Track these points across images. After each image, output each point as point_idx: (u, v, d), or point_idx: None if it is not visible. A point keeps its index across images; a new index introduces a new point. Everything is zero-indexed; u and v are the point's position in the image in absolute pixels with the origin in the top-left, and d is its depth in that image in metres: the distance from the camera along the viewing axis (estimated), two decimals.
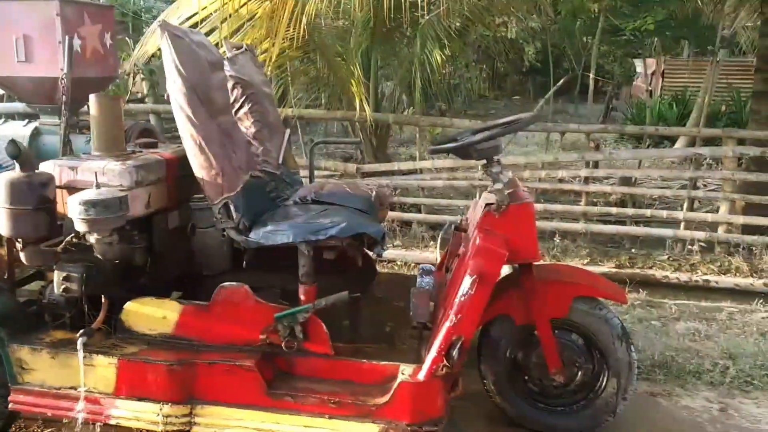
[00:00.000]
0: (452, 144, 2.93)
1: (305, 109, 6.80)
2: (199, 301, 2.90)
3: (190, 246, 3.32)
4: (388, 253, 5.84)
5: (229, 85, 3.51)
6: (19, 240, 2.69)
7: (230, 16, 5.21)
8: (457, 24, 7.59)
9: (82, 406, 2.76)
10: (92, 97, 2.91)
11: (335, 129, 9.79)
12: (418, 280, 3.16)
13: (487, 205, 2.91)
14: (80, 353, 2.73)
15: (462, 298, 2.70)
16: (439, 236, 3.63)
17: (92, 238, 2.65)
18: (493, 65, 20.35)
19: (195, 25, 5.27)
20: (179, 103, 2.78)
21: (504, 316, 3.06)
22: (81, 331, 2.77)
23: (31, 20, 3.42)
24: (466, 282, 2.70)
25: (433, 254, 5.53)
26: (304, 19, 5.32)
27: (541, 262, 4.65)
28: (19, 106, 3.87)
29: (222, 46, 3.66)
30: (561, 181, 6.78)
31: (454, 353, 2.66)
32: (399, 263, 5.75)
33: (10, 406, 2.82)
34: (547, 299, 2.96)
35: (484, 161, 2.88)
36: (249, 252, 3.03)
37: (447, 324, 2.69)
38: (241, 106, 3.53)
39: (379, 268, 5.68)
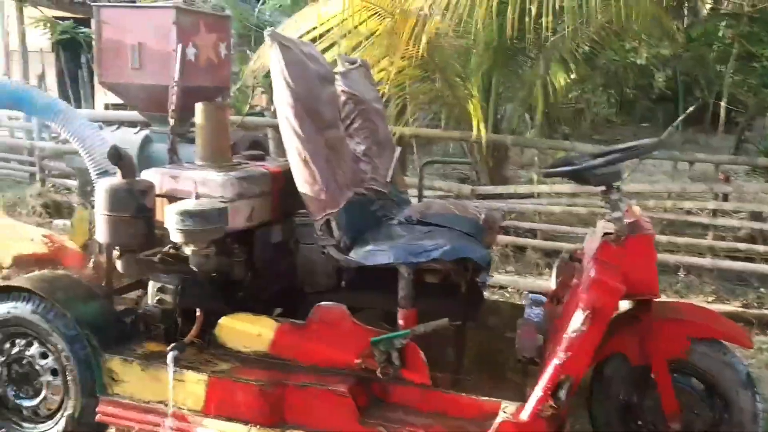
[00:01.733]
0: (569, 167, 2.69)
1: (422, 128, 6.67)
2: (295, 320, 2.78)
3: (291, 261, 3.23)
4: (500, 278, 5.61)
5: (341, 99, 3.42)
6: (116, 248, 2.67)
7: (349, 32, 5.16)
8: (585, 48, 7.30)
9: (170, 422, 2.70)
10: (198, 106, 2.88)
11: (451, 149, 9.62)
12: (526, 310, 2.97)
13: (604, 234, 2.66)
14: (170, 368, 2.67)
15: (572, 335, 2.45)
16: (555, 265, 3.38)
17: (188, 250, 2.60)
18: (621, 91, 19.58)
19: (314, 40, 5.27)
20: (285, 115, 2.70)
21: (618, 354, 2.79)
22: (172, 345, 2.71)
23: (146, 28, 3.46)
24: (578, 317, 2.46)
25: (547, 282, 5.22)
26: (424, 38, 5.19)
27: (663, 298, 4.29)
28: (134, 113, 3.94)
29: (339, 61, 3.57)
30: (688, 212, 6.33)
31: (562, 394, 2.43)
32: (510, 290, 5.49)
33: (97, 417, 2.79)
34: (665, 339, 2.68)
35: (603, 188, 2.63)
36: (350, 271, 2.89)
37: (555, 361, 2.45)
38: (351, 122, 3.43)
39: (488, 294, 5.49)
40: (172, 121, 3.27)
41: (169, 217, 2.53)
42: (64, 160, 3.39)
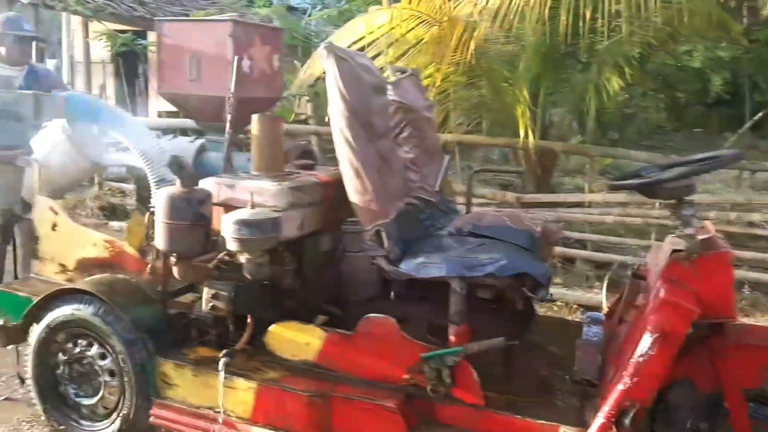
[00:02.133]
0: (637, 181, 2.60)
1: (466, 135, 6.63)
2: (343, 330, 2.79)
3: (337, 270, 3.25)
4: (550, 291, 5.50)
5: (391, 109, 3.42)
6: (174, 254, 2.71)
7: (396, 41, 5.16)
8: (637, 51, 7.15)
9: (220, 429, 2.73)
10: (254, 117, 2.91)
11: (495, 156, 9.54)
12: (584, 329, 2.86)
13: (674, 251, 2.52)
14: (221, 374, 2.70)
15: (639, 359, 2.36)
16: (606, 277, 3.30)
17: (243, 258, 2.63)
18: (672, 95, 19.14)
19: (361, 50, 5.28)
20: (339, 126, 2.70)
21: (686, 380, 2.63)
22: (224, 351, 2.74)
23: (204, 40, 3.51)
24: (646, 340, 2.36)
25: (597, 296, 5.13)
26: (472, 44, 5.15)
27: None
28: (187, 121, 4.00)
29: (387, 70, 3.58)
30: (752, 224, 6.08)
31: (626, 421, 2.34)
32: (558, 304, 5.38)
33: (151, 419, 2.85)
34: (741, 366, 2.53)
35: (672, 201, 2.53)
36: (396, 281, 2.88)
37: (620, 387, 2.36)
38: (401, 131, 3.41)
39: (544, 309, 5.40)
40: (229, 131, 3.31)
41: (226, 226, 2.56)
42: (125, 167, 3.46)
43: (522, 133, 6.02)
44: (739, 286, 5.30)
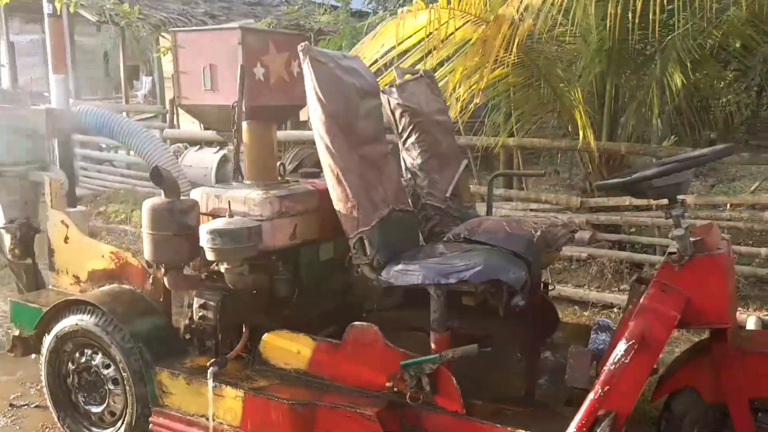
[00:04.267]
0: (620, 179, 2.44)
1: (527, 138, 6.41)
2: (331, 339, 2.74)
3: (346, 279, 3.20)
4: (612, 297, 5.25)
5: (397, 113, 3.36)
6: (161, 265, 2.76)
7: (436, 46, 5.05)
8: (737, 44, 6.69)
9: None
10: (245, 125, 2.93)
11: (559, 159, 9.22)
12: (591, 336, 2.74)
13: (668, 254, 2.39)
14: (210, 383, 2.73)
15: (613, 367, 2.23)
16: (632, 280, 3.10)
17: (222, 267, 2.64)
18: None
19: (400, 55, 5.20)
20: (318, 131, 2.67)
21: (690, 388, 2.49)
22: (212, 360, 2.76)
23: (217, 50, 3.54)
24: (620, 348, 2.24)
25: None
26: (516, 41, 4.96)
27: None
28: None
29: (395, 74, 3.51)
30: None
31: (599, 431, 2.19)
32: (616, 310, 5.11)
33: (150, 426, 2.90)
34: (745, 374, 2.34)
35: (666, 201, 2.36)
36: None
37: (591, 396, 2.24)
38: (408, 136, 3.36)
39: (590, 313, 5.17)
40: (235, 140, 3.34)
41: (202, 236, 2.59)
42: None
43: (581, 134, 5.78)
44: None
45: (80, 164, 10.24)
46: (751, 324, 4.53)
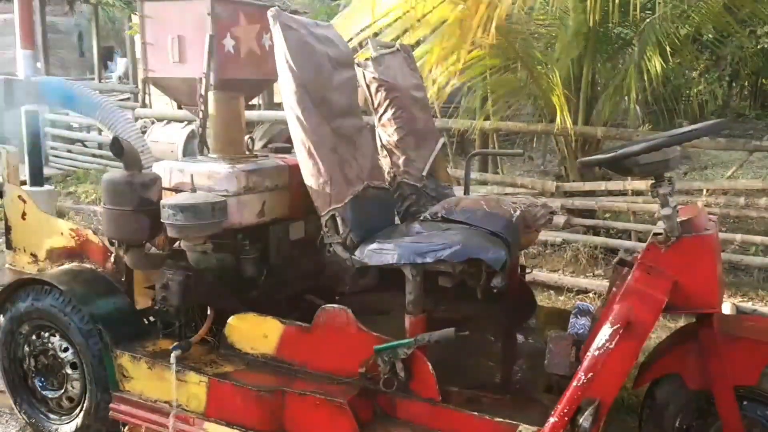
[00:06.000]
0: (605, 155, 2.34)
1: (502, 122, 6.32)
2: (301, 322, 2.61)
3: (318, 260, 3.07)
4: (586, 282, 5.20)
5: (373, 87, 3.22)
6: (121, 242, 2.60)
7: (411, 26, 4.92)
8: (710, 36, 6.66)
9: (172, 423, 2.60)
10: (210, 95, 2.78)
11: (533, 145, 9.16)
12: (571, 320, 2.64)
13: (653, 235, 2.29)
14: (173, 367, 2.59)
15: (597, 353, 2.13)
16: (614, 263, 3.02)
17: (184, 245, 2.49)
18: (756, 81, 18.02)
19: (376, 35, 5.06)
20: (289, 102, 2.53)
21: (674, 376, 2.41)
22: (175, 344, 2.62)
23: (184, 20, 3.41)
24: (605, 332, 2.14)
25: None
26: (494, 22, 4.85)
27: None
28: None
29: (371, 46, 3.36)
30: None
31: (582, 420, 2.10)
32: (592, 295, 5.06)
33: (110, 413, 2.75)
34: (732, 361, 2.26)
35: (652, 180, 2.26)
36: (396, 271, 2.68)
37: (574, 383, 2.14)
38: (384, 112, 3.23)
39: (565, 298, 5.12)
40: (201, 114, 3.19)
41: (163, 211, 2.44)
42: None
43: (558, 118, 5.70)
44: None
45: (50, 144, 9.98)
46: (726, 310, 4.50)
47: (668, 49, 5.62)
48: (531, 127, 6.36)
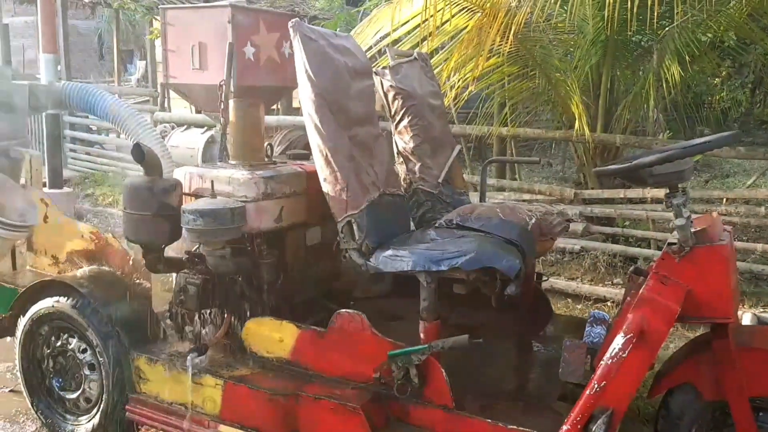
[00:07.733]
0: (619, 166, 2.34)
1: (521, 128, 6.31)
2: (316, 327, 2.63)
3: (336, 265, 3.10)
4: (605, 291, 5.17)
5: (390, 96, 3.25)
6: (141, 246, 2.64)
7: (431, 33, 4.93)
8: (732, 43, 6.60)
9: (188, 426, 2.64)
10: (231, 103, 2.81)
11: (551, 151, 9.13)
12: (586, 329, 2.63)
13: (668, 245, 2.29)
14: (189, 370, 2.62)
15: (610, 361, 2.13)
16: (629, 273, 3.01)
17: (203, 250, 2.52)
18: None
19: (395, 43, 5.09)
20: (307, 110, 2.56)
21: (689, 385, 2.40)
22: (192, 347, 2.65)
23: (205, 28, 3.46)
24: (618, 341, 2.14)
25: None
26: (512, 29, 4.86)
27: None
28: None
29: (389, 55, 3.39)
30: None
31: (595, 428, 2.11)
32: (610, 303, 5.03)
33: (127, 414, 2.79)
34: (747, 372, 2.25)
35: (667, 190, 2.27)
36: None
37: (587, 392, 2.14)
38: (401, 119, 3.26)
39: (583, 306, 5.10)
40: (222, 120, 3.23)
41: (183, 216, 2.47)
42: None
43: (577, 125, 5.68)
44: None
45: (69, 146, 10.10)
46: (746, 320, 4.45)
47: (688, 57, 5.58)
48: (549, 134, 6.35)
